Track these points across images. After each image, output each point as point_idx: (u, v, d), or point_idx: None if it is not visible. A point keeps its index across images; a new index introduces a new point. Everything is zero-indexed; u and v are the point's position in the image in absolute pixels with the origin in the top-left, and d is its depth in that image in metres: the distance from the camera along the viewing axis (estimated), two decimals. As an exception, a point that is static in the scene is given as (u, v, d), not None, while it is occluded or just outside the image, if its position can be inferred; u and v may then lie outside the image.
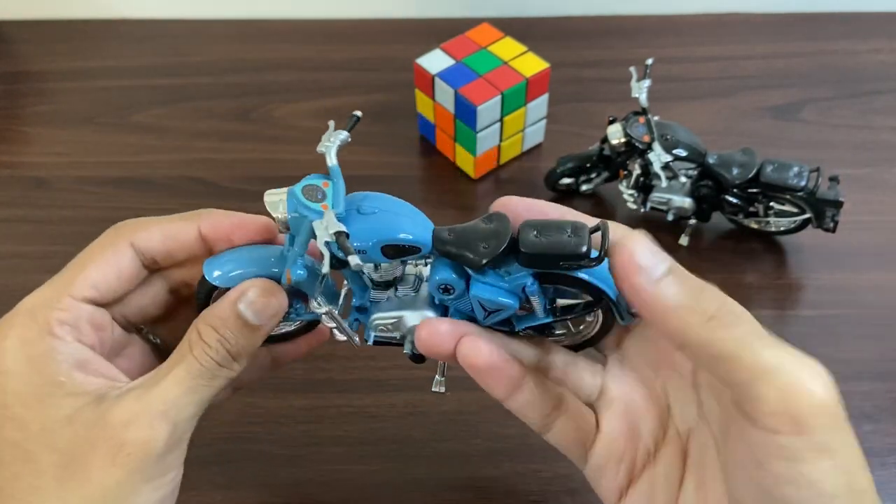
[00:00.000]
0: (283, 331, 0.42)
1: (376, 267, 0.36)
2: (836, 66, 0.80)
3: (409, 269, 0.38)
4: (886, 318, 0.59)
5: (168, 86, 0.80)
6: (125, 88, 0.80)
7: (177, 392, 0.34)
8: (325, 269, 0.32)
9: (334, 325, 0.38)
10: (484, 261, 0.34)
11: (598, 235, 0.33)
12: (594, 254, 0.33)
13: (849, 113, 0.75)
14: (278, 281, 0.37)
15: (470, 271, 0.35)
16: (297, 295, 0.39)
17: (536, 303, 0.36)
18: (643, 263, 0.31)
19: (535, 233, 0.33)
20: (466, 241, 0.34)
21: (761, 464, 0.30)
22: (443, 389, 0.39)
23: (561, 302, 0.37)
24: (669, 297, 0.31)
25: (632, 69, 0.61)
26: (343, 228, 0.32)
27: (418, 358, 0.39)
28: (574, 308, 0.37)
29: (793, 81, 0.78)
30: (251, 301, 0.35)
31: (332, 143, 0.34)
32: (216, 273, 0.37)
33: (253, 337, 0.36)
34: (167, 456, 0.34)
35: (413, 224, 0.35)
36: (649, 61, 0.60)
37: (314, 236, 0.33)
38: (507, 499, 0.51)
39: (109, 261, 0.37)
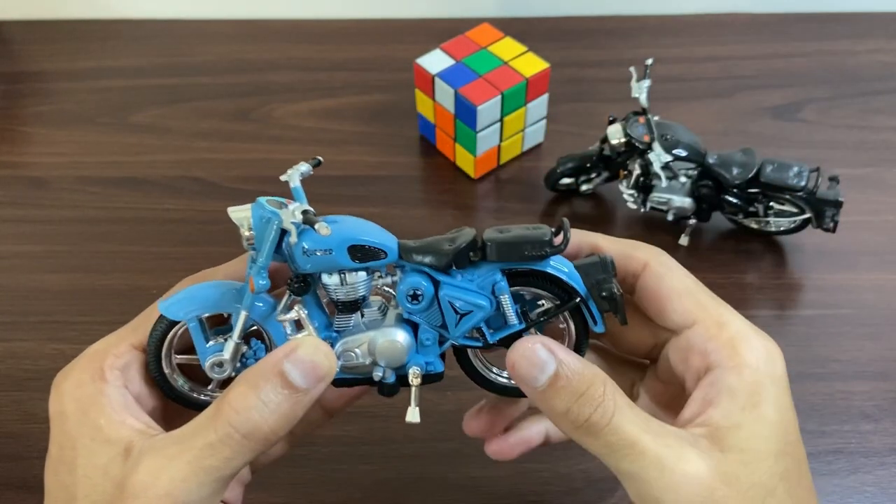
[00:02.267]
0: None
1: (342, 281, 0.36)
2: (836, 66, 0.80)
3: (375, 298, 0.38)
4: (886, 318, 0.59)
5: (168, 86, 0.80)
6: (125, 88, 0.80)
7: (185, 472, 0.32)
8: (294, 238, 0.34)
9: (305, 332, 0.37)
10: (449, 258, 0.36)
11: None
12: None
13: (849, 113, 0.75)
14: (228, 318, 0.37)
15: (438, 276, 0.37)
16: (255, 335, 0.39)
17: (507, 304, 0.37)
18: (521, 375, 0.34)
19: (498, 231, 0.36)
20: (431, 246, 0.36)
21: None
22: (418, 419, 0.38)
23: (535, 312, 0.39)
24: (546, 409, 0.35)
25: (632, 69, 0.61)
26: (308, 207, 0.34)
27: (389, 388, 0.39)
28: (547, 311, 0.38)
29: (793, 81, 0.78)
30: (301, 359, 0.33)
31: (294, 171, 0.36)
32: (170, 308, 0.36)
33: (296, 403, 0.33)
34: None
35: (378, 232, 0.37)
36: (649, 61, 0.60)
37: (280, 248, 0.35)
38: (507, 499, 0.51)
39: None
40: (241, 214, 0.35)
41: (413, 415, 0.38)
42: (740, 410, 0.34)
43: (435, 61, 0.67)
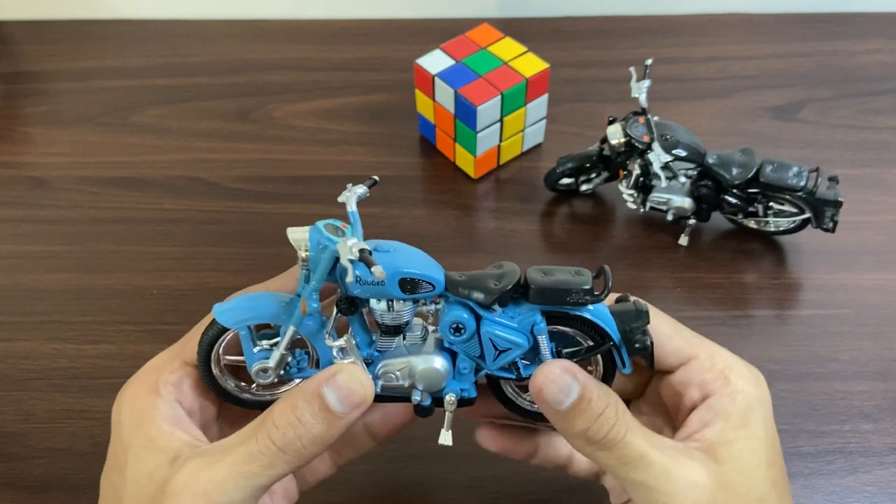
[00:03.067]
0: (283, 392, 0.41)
1: (389, 308, 0.38)
2: (836, 66, 0.80)
3: (416, 321, 0.40)
4: (886, 318, 0.59)
5: (168, 86, 0.80)
6: (125, 88, 0.80)
7: (224, 475, 0.34)
8: (350, 277, 0.35)
9: (351, 358, 0.39)
10: (495, 296, 0.37)
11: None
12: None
13: (848, 113, 0.75)
14: (273, 330, 0.39)
15: (481, 311, 0.38)
16: (299, 344, 0.40)
17: (543, 344, 0.38)
18: (547, 398, 0.36)
19: (542, 273, 0.37)
20: (477, 281, 0.37)
21: None
22: (450, 442, 0.39)
23: (566, 351, 0.40)
24: (565, 428, 0.37)
25: (632, 69, 0.61)
26: (365, 246, 0.35)
27: (424, 410, 0.40)
28: (578, 352, 0.39)
29: (792, 81, 0.78)
30: (339, 385, 0.35)
31: (351, 193, 0.37)
32: (224, 315, 0.38)
33: (331, 426, 0.35)
34: None
35: (427, 264, 0.38)
36: (649, 61, 0.60)
37: (332, 270, 0.36)
38: (507, 499, 0.51)
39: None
40: (299, 236, 0.37)
41: (446, 438, 0.39)
42: (733, 429, 0.37)
43: (435, 61, 0.67)
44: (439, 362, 0.39)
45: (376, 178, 0.39)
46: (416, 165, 0.72)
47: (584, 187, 0.67)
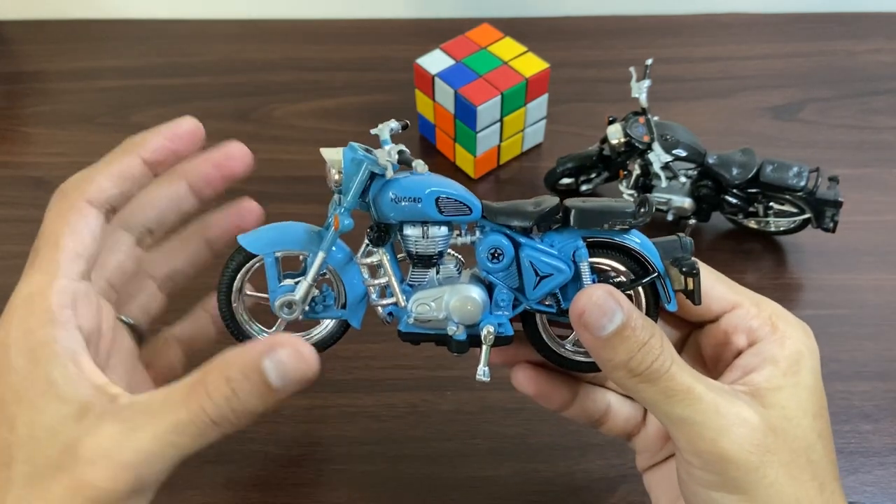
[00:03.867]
0: (315, 338, 0.40)
1: (423, 234, 0.37)
2: (836, 66, 0.80)
3: (450, 258, 0.39)
4: (886, 318, 0.59)
5: (168, 86, 0.80)
6: (125, 88, 0.80)
7: (150, 445, 0.31)
8: (390, 173, 0.36)
9: (383, 280, 0.38)
10: (533, 219, 0.36)
11: None
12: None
13: (848, 113, 0.75)
14: (298, 271, 0.38)
15: (520, 238, 0.37)
16: (327, 282, 0.39)
17: (586, 271, 0.37)
18: (589, 322, 0.34)
19: (582, 201, 0.37)
20: (515, 207, 0.37)
21: (685, 482, 0.36)
22: (488, 378, 0.38)
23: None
24: (606, 358, 0.35)
25: (632, 69, 0.61)
26: (404, 147, 0.35)
27: (459, 345, 0.39)
28: (621, 285, 0.38)
29: (793, 81, 0.78)
30: (281, 361, 0.32)
31: (384, 125, 0.37)
32: (251, 241, 0.37)
33: (266, 400, 0.32)
34: (127, 502, 0.32)
35: (464, 189, 0.37)
36: (649, 61, 0.60)
37: (364, 193, 0.36)
38: (507, 499, 0.51)
39: (78, 226, 0.36)
40: (333, 156, 0.36)
41: (484, 373, 0.38)
42: (781, 375, 0.36)
43: (435, 61, 0.67)
44: (476, 292, 0.37)
45: (408, 122, 0.39)
46: (416, 165, 0.72)
47: (584, 187, 0.67)
